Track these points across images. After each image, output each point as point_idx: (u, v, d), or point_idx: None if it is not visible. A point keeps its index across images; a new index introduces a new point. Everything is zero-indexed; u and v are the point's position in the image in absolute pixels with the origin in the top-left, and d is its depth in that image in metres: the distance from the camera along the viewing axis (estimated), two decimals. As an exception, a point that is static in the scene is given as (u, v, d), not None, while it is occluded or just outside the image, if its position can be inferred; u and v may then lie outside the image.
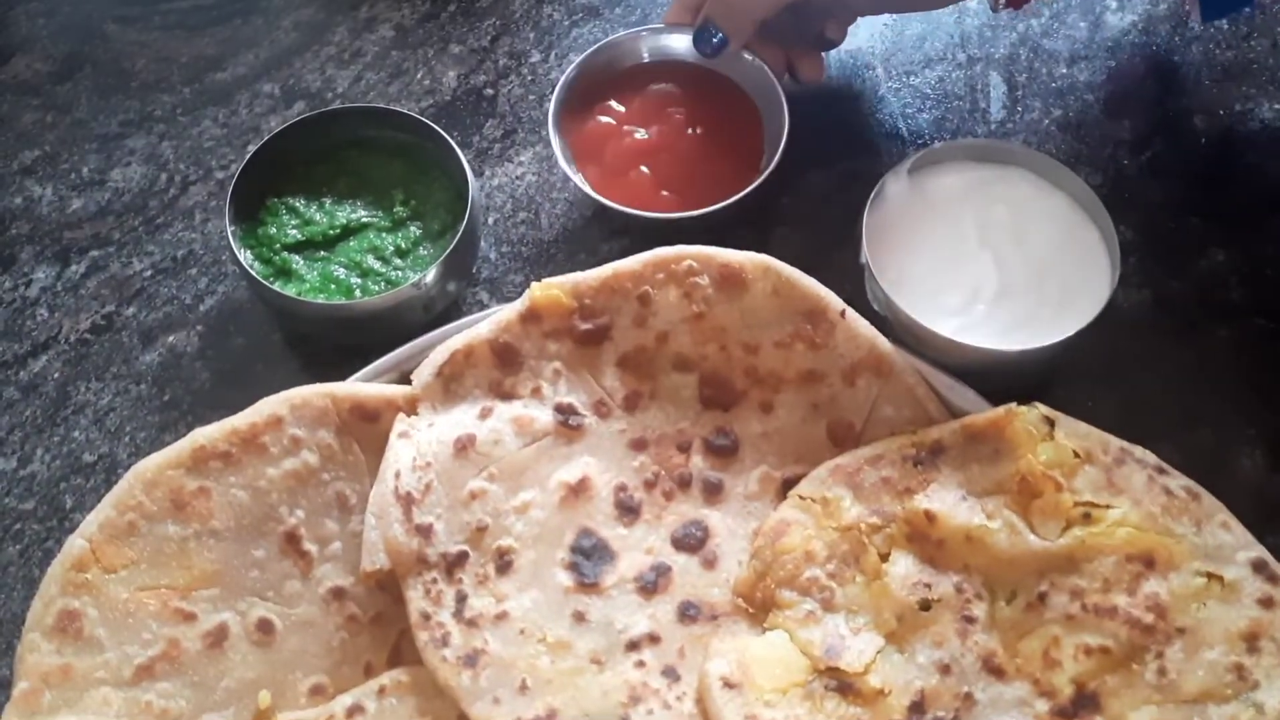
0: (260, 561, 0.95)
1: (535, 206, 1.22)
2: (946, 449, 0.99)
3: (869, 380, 1.01)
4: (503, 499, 0.97)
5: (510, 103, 1.29)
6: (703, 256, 1.03)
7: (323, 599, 0.95)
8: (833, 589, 0.95)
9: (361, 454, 0.98)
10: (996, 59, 1.28)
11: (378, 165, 1.16)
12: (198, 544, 0.94)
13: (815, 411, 1.02)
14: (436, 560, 0.94)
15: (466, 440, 0.97)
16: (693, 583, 0.97)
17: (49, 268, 1.21)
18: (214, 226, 1.23)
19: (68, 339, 1.17)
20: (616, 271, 1.03)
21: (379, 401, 0.99)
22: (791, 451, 1.02)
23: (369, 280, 1.11)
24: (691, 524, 0.99)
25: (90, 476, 1.10)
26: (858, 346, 1.01)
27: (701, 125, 1.18)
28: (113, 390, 1.14)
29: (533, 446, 0.99)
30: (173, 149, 1.28)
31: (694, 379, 1.03)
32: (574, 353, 1.02)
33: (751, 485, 1.01)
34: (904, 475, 0.98)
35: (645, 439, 1.01)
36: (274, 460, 0.96)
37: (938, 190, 1.09)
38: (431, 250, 1.13)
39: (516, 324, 1.02)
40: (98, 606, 0.91)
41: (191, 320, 1.17)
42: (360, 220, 1.14)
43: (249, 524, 0.96)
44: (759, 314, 1.02)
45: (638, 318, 1.02)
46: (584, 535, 0.97)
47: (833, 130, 1.25)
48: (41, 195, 1.26)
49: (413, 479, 0.95)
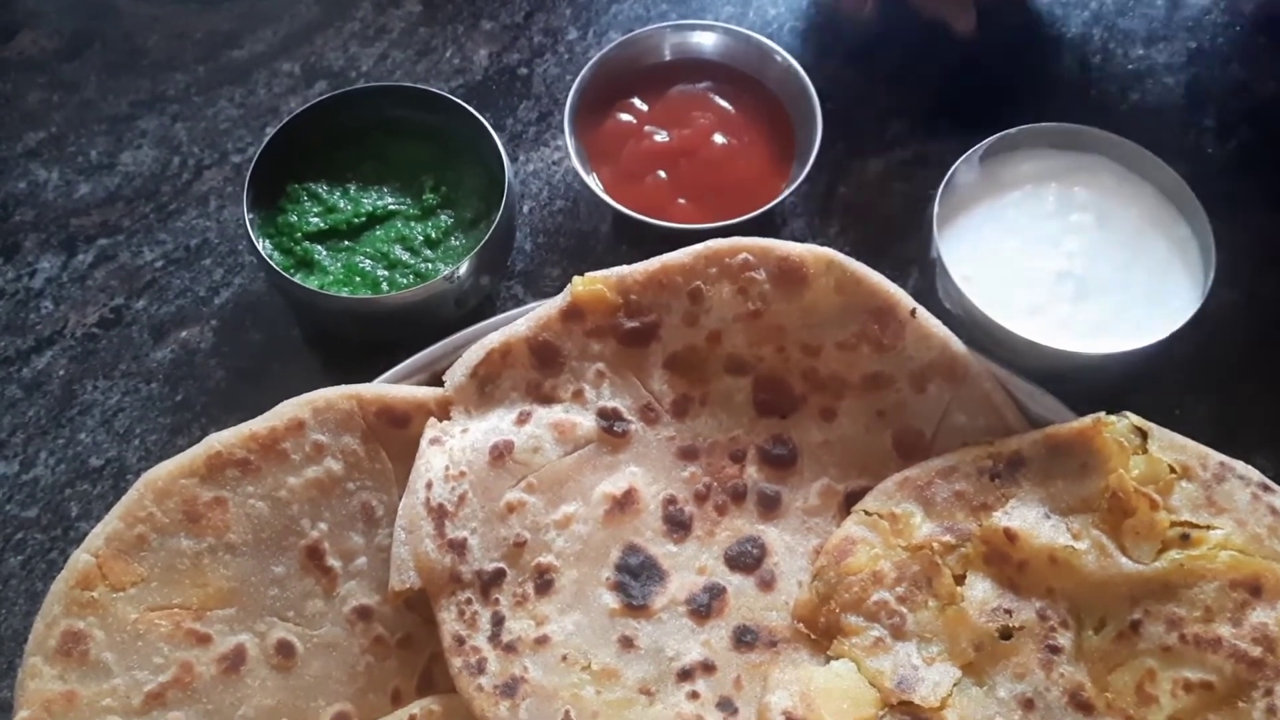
0: (280, 578, 0.90)
1: (574, 194, 1.15)
2: (1027, 461, 0.92)
3: (941, 385, 0.95)
4: (542, 512, 0.91)
5: (546, 83, 1.23)
6: (760, 249, 0.96)
7: (347, 619, 0.90)
8: (903, 614, 0.88)
9: (389, 462, 0.93)
10: (1069, 39, 1.20)
11: (406, 149, 1.10)
12: (213, 559, 0.89)
13: (881, 419, 0.95)
14: (471, 579, 0.88)
15: (503, 447, 0.92)
16: (749, 605, 0.91)
17: (54, 257, 1.15)
18: (230, 214, 1.17)
19: (74, 333, 1.11)
20: (665, 265, 0.96)
21: (408, 404, 0.93)
22: (855, 462, 0.95)
23: (396, 273, 1.04)
24: (747, 541, 0.93)
25: (97, 482, 1.04)
26: (929, 348, 0.95)
27: (726, 130, 1.10)
28: (121, 389, 1.08)
29: (574, 455, 0.93)
30: (186, 131, 1.22)
31: (748, 382, 0.96)
32: (619, 353, 0.96)
33: (811, 499, 0.95)
34: (980, 490, 0.91)
35: (696, 447, 0.95)
36: (295, 468, 0.91)
37: (1013, 178, 1.02)
38: (464, 241, 1.05)
39: (557, 321, 0.95)
40: (104, 628, 0.86)
41: (205, 314, 1.12)
42: (387, 208, 1.08)
43: (268, 538, 0.90)
44: (821, 312, 0.96)
45: (688, 316, 0.96)
46: (630, 552, 0.91)
47: (891, 113, 1.17)
48: (47, 179, 1.20)
49: (445, 490, 0.90)
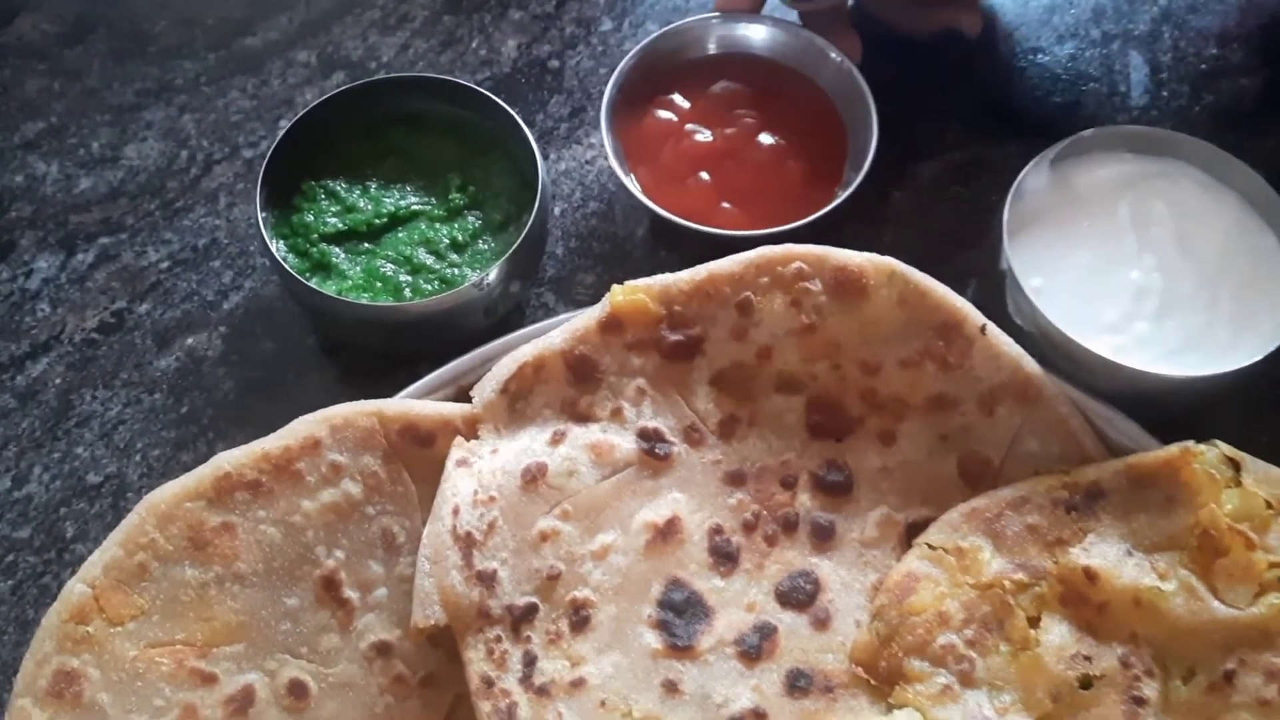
0: (292, 611, 0.83)
1: (609, 196, 1.09)
2: (1106, 493, 0.85)
3: (1011, 408, 0.88)
4: (578, 541, 0.84)
5: (578, 76, 1.16)
6: (815, 257, 0.90)
7: (365, 656, 0.83)
8: (972, 659, 0.82)
9: (412, 484, 0.87)
10: (1136, 36, 1.14)
11: (430, 145, 1.04)
12: (219, 590, 0.82)
13: (945, 444, 0.89)
14: (501, 614, 0.82)
15: (536, 470, 0.85)
16: (802, 646, 0.84)
17: (52, 256, 1.09)
18: (241, 212, 1.11)
19: (72, 339, 1.05)
20: (712, 274, 0.90)
21: (433, 422, 0.87)
22: (916, 490, 0.88)
23: (420, 278, 0.97)
24: (799, 575, 0.86)
25: (95, 501, 0.97)
26: (999, 368, 0.88)
27: (774, 129, 1.04)
28: (122, 399, 1.02)
29: (613, 479, 0.86)
30: (195, 123, 1.16)
31: (801, 402, 0.90)
32: (661, 369, 0.89)
33: (869, 530, 0.88)
34: (1055, 523, 0.85)
35: (744, 472, 0.88)
36: (310, 491, 0.84)
37: (1087, 185, 0.95)
38: (493, 244, 0.99)
39: (595, 333, 0.89)
40: (100, 666, 0.79)
41: (214, 320, 1.05)
42: (410, 208, 1.01)
43: (280, 567, 0.84)
44: (881, 327, 0.89)
45: (736, 329, 0.89)
46: (674, 587, 0.84)
47: (947, 114, 1.10)
48: (46, 173, 1.14)
49: (473, 516, 0.83)
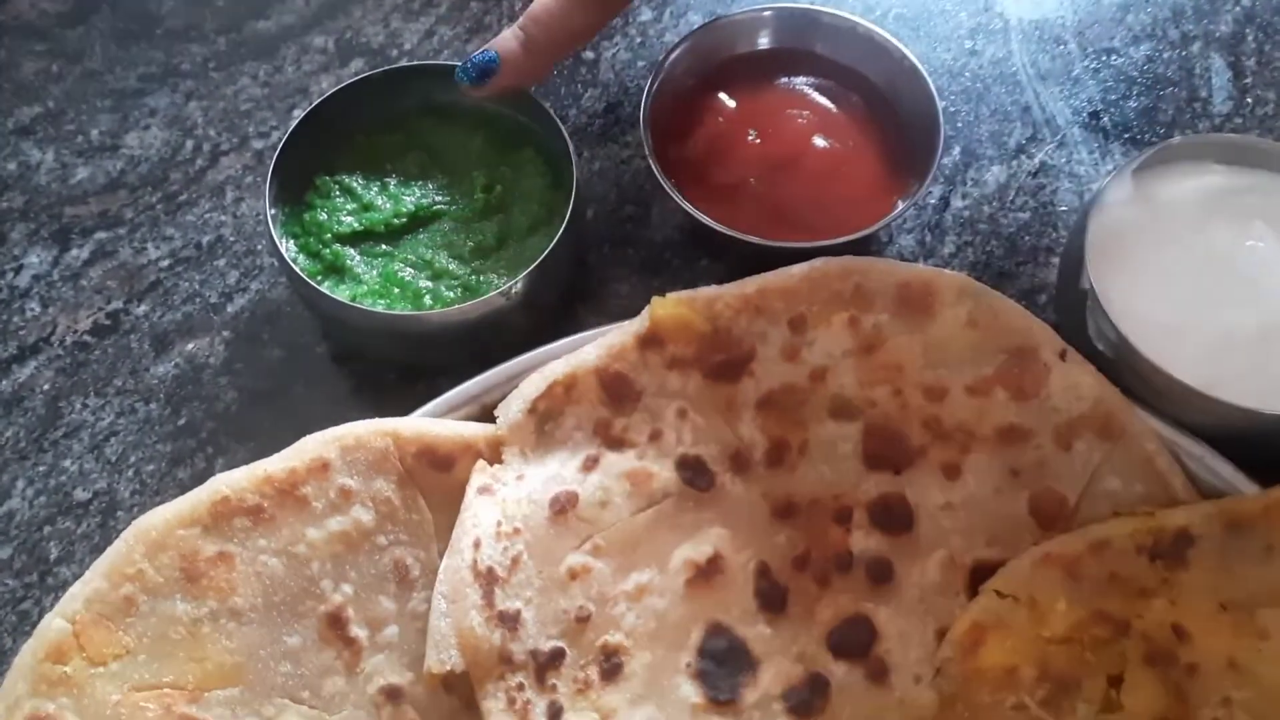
0: (293, 651, 0.77)
1: (646, 199, 1.02)
2: (1197, 540, 0.78)
3: (1091, 443, 0.82)
4: (610, 580, 0.79)
5: (615, 69, 1.10)
6: (877, 271, 0.85)
7: (373, 701, 0.77)
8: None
9: (429, 512, 0.81)
10: (1218, 38, 1.07)
11: (455, 139, 0.97)
12: (214, 628, 0.76)
13: (1015, 479, 0.82)
14: (524, 659, 0.76)
15: (566, 500, 0.80)
16: (857, 703, 0.78)
17: (44, 251, 1.03)
18: (249, 208, 1.04)
19: (63, 341, 0.98)
20: (763, 287, 0.85)
21: (454, 444, 0.82)
22: (983, 529, 0.82)
23: (442, 284, 0.91)
24: (853, 621, 0.80)
25: (82, 519, 0.91)
26: (1079, 399, 0.82)
27: (829, 132, 0.97)
28: (115, 409, 0.95)
29: (650, 511, 0.81)
30: (202, 111, 1.10)
31: (857, 430, 0.84)
32: (704, 389, 0.84)
33: (930, 572, 0.81)
34: (1138, 572, 0.78)
35: (793, 506, 0.82)
36: (317, 518, 0.79)
37: (1174, 198, 0.88)
38: (520, 249, 0.92)
39: (633, 350, 0.84)
40: (79, 711, 0.72)
41: (217, 324, 0.99)
42: (432, 207, 0.94)
43: (281, 601, 0.78)
44: (948, 349, 0.84)
45: (788, 348, 0.84)
46: (715, 633, 0.79)
47: (1012, 116, 1.03)
48: (40, 161, 1.08)
49: (496, 550, 0.78)
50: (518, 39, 0.91)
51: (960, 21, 1.08)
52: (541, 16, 0.91)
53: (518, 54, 0.91)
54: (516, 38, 0.91)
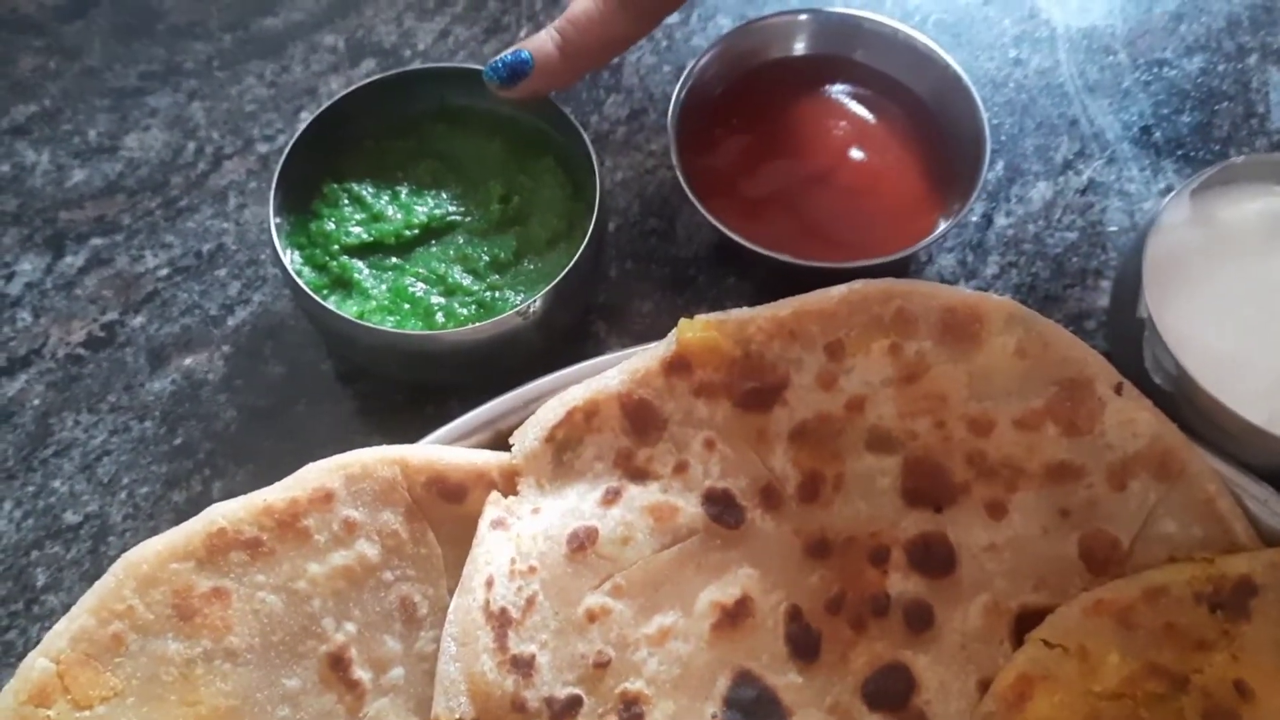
0: (293, 695, 0.74)
1: (670, 212, 0.99)
2: (1260, 589, 0.75)
3: (1147, 483, 0.78)
4: (631, 623, 0.76)
5: (639, 74, 1.07)
6: (920, 295, 0.82)
7: None
8: None
9: (438, 546, 0.78)
10: (1276, 50, 1.04)
11: (471, 146, 0.94)
12: (208, 669, 0.72)
13: (1065, 520, 0.79)
14: (538, 708, 0.73)
15: (585, 536, 0.77)
16: None
17: (37, 258, 1.00)
18: (252, 215, 1.01)
19: (54, 354, 0.95)
20: (798, 310, 0.82)
21: (465, 473, 0.78)
22: (1029, 573, 0.78)
23: (455, 301, 0.87)
24: (890, 670, 0.76)
25: (72, 544, 0.87)
26: (1135, 436, 0.79)
27: (867, 144, 0.94)
28: (108, 426, 0.92)
29: (674, 549, 0.78)
30: (205, 112, 1.07)
31: (896, 464, 0.80)
32: (733, 419, 0.80)
33: (973, 618, 0.77)
34: (1197, 622, 0.75)
35: (827, 544, 0.79)
36: (319, 552, 0.75)
37: (1235, 221, 0.84)
38: (538, 264, 0.88)
39: (658, 375, 0.81)
40: None
41: (217, 338, 0.96)
42: (446, 218, 0.91)
43: (280, 641, 0.74)
44: (995, 380, 0.80)
45: (824, 376, 0.80)
46: (743, 682, 0.75)
47: (1059, 129, 0.99)
48: (35, 163, 1.05)
49: (510, 589, 0.75)
50: (554, 41, 0.87)
51: (1004, 29, 1.03)
52: (580, 20, 0.87)
53: (553, 57, 0.87)
54: (553, 39, 0.87)
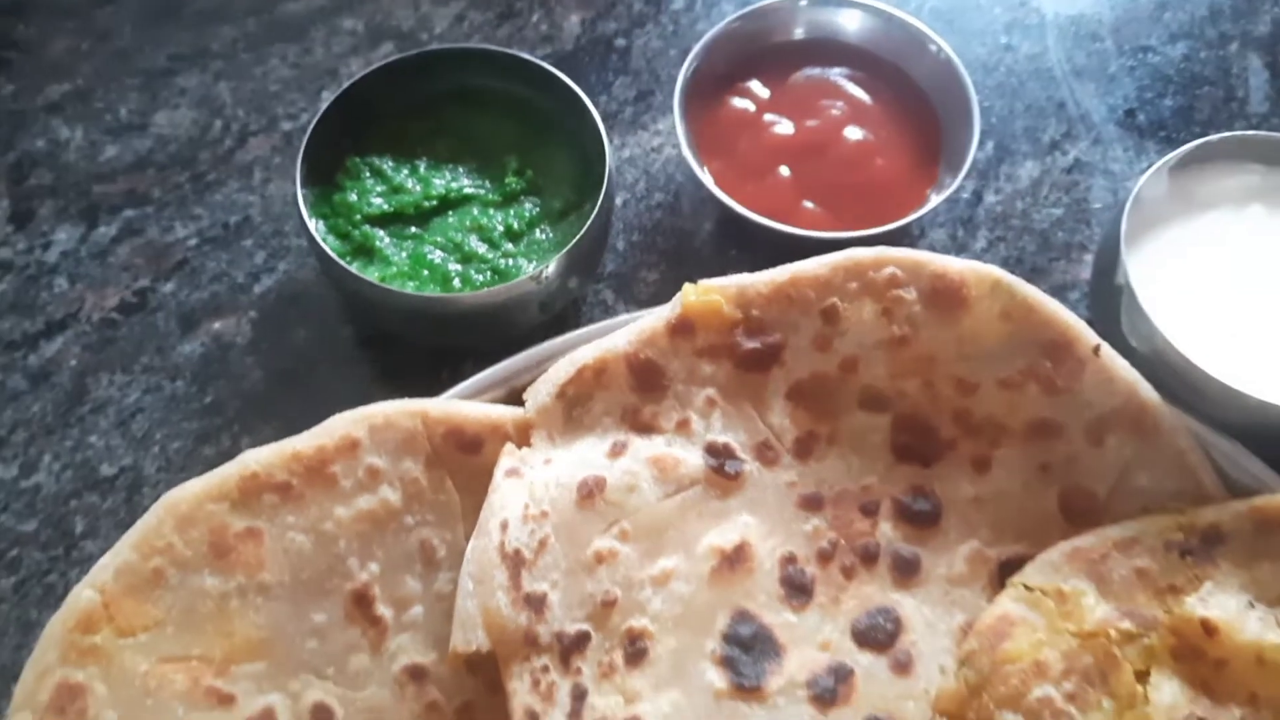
0: (320, 628, 0.77)
1: (675, 187, 1.02)
2: (1227, 537, 0.78)
3: (1122, 439, 0.82)
4: (637, 565, 0.78)
5: (646, 57, 1.10)
6: (911, 263, 0.84)
7: (396, 680, 0.77)
8: (1072, 715, 0.75)
9: (455, 493, 0.81)
10: (1256, 38, 1.07)
11: (487, 124, 0.97)
12: (242, 603, 0.76)
13: (1045, 474, 0.82)
14: (549, 642, 0.76)
15: (593, 485, 0.79)
16: (880, 692, 0.77)
17: (73, 228, 1.03)
18: (276, 189, 1.05)
19: (90, 318, 0.99)
20: (795, 276, 0.84)
21: (482, 426, 0.81)
22: (1011, 524, 0.82)
23: (471, 268, 0.91)
24: (878, 612, 0.80)
25: (108, 494, 0.91)
26: (1112, 394, 0.82)
27: (863, 123, 0.98)
28: (142, 385, 0.96)
29: (677, 498, 0.80)
30: (231, 91, 1.11)
31: (887, 422, 0.83)
32: (734, 378, 0.83)
33: (957, 565, 0.81)
34: (1167, 568, 0.78)
35: (820, 496, 0.82)
36: (345, 497, 0.78)
37: (1211, 195, 0.88)
38: (550, 234, 0.91)
39: (663, 336, 0.83)
40: (108, 681, 0.73)
41: (243, 304, 0.99)
42: (462, 191, 0.95)
43: (309, 579, 0.77)
44: (981, 343, 0.83)
45: (819, 338, 0.83)
46: (741, 620, 0.78)
47: (1047, 112, 1.02)
48: (69, 139, 1.08)
49: (523, 532, 0.77)
50: None
51: (995, 16, 1.07)
52: None
53: None
54: None
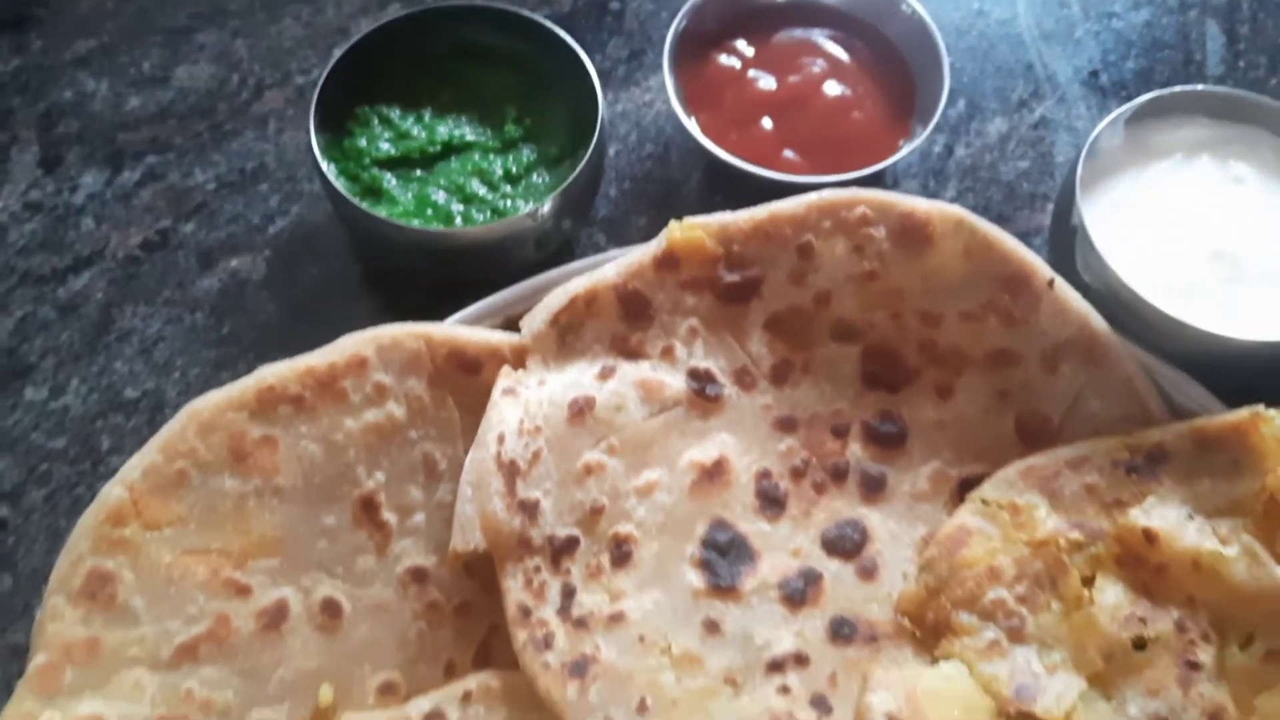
0: (330, 530, 0.81)
1: (665, 140, 1.07)
2: (1170, 456, 0.82)
3: (1075, 367, 0.86)
4: (623, 477, 0.82)
5: (639, 19, 1.15)
6: (881, 204, 0.88)
7: (400, 580, 0.81)
8: (1023, 616, 0.80)
9: (456, 411, 0.84)
10: (1214, 5, 1.12)
11: (488, 77, 1.01)
12: (258, 503, 0.80)
13: (1003, 400, 0.86)
14: (541, 544, 0.80)
15: (583, 404, 0.83)
16: (847, 595, 0.82)
17: (98, 173, 1.07)
18: (290, 139, 1.09)
19: (115, 255, 1.03)
20: (773, 214, 0.88)
21: (481, 349, 0.85)
22: (971, 446, 0.86)
23: (472, 208, 0.95)
24: (846, 524, 0.84)
25: (132, 415, 0.96)
26: (1065, 324, 0.86)
27: (840, 80, 1.02)
28: (163, 317, 1.00)
29: (661, 417, 0.84)
30: (247, 48, 1.15)
31: (857, 351, 0.87)
32: (715, 309, 0.87)
33: (920, 483, 0.86)
34: (1114, 484, 0.82)
35: (794, 419, 0.86)
36: (354, 410, 0.82)
37: (1163, 146, 0.93)
38: (547, 178, 0.97)
39: (650, 269, 0.87)
40: (135, 569, 0.77)
41: (259, 243, 1.04)
42: (464, 138, 0.99)
43: (320, 484, 0.81)
44: (945, 277, 0.87)
45: (795, 273, 0.87)
46: (718, 528, 0.82)
47: (1015, 73, 1.08)
48: (95, 90, 1.12)
49: (518, 445, 0.81)
50: None
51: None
52: None
53: None
54: None
